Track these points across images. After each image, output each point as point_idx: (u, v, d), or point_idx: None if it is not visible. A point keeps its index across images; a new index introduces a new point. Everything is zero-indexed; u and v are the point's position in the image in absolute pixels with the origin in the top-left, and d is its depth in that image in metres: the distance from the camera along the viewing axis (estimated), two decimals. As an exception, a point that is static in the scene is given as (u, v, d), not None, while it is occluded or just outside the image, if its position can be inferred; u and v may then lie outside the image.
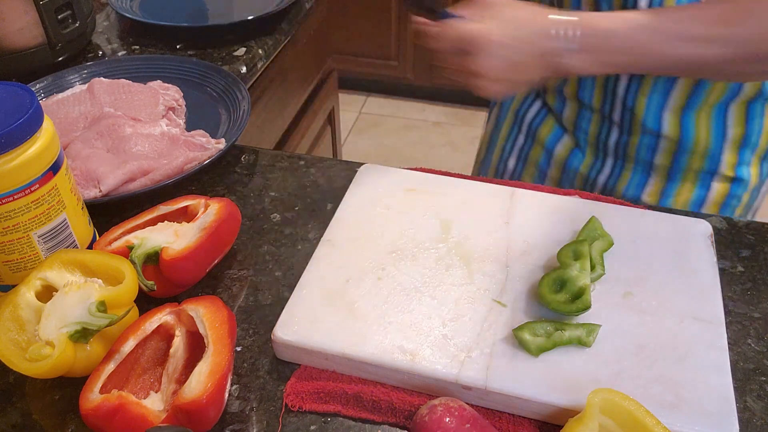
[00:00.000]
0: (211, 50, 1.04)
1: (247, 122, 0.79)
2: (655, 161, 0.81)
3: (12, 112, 0.53)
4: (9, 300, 0.52)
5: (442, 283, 0.58)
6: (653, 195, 0.83)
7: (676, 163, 0.80)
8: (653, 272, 0.59)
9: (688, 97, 0.76)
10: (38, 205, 0.55)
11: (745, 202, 0.83)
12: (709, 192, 0.81)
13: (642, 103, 0.77)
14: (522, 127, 0.92)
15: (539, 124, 0.90)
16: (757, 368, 0.54)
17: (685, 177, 0.81)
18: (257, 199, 0.73)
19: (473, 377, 0.50)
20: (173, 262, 0.57)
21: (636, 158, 0.82)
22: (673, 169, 0.81)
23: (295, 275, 0.63)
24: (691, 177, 0.81)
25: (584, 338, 0.52)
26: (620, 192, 0.84)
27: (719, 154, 0.79)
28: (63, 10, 0.97)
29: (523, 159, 0.93)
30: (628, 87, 0.77)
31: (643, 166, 0.82)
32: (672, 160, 0.80)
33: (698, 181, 0.81)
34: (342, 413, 0.52)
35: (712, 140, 0.78)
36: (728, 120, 0.77)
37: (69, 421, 0.52)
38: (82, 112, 0.83)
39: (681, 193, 0.82)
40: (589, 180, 0.87)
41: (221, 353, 0.49)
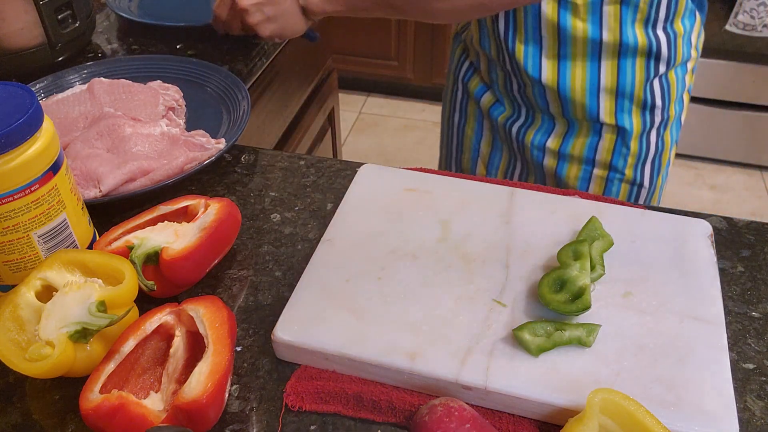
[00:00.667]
0: (211, 50, 1.04)
1: (247, 122, 0.79)
2: (551, 110, 0.89)
3: (12, 112, 0.53)
4: (9, 300, 0.52)
5: (442, 283, 0.58)
6: (555, 142, 0.92)
7: (565, 111, 0.88)
8: (653, 272, 0.59)
9: (558, 47, 0.83)
10: (38, 205, 0.55)
11: (635, 152, 0.91)
12: (600, 140, 0.90)
13: (521, 51, 0.84)
14: (458, 84, 1.01)
15: (468, 79, 0.99)
16: (757, 368, 0.54)
17: (579, 125, 0.90)
18: (257, 199, 0.73)
19: (473, 377, 0.50)
20: (173, 262, 0.57)
21: (538, 107, 0.90)
22: (566, 117, 0.89)
23: (295, 275, 0.63)
24: (584, 126, 0.89)
25: (584, 338, 0.52)
26: (530, 140, 0.93)
27: (596, 102, 0.86)
28: (63, 10, 0.97)
29: (464, 113, 1.02)
30: (506, 34, 0.84)
31: (546, 115, 0.90)
32: (561, 108, 0.88)
33: (590, 129, 0.89)
34: (342, 413, 0.52)
35: (587, 89, 0.86)
36: (601, 71, 0.84)
37: (69, 421, 0.52)
38: (82, 112, 0.83)
39: (578, 141, 0.91)
40: (509, 130, 0.95)
41: (221, 353, 0.49)
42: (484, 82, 0.97)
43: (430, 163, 2.30)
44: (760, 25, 1.94)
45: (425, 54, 2.60)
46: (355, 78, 2.76)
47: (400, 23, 2.57)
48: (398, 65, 2.66)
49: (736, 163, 2.31)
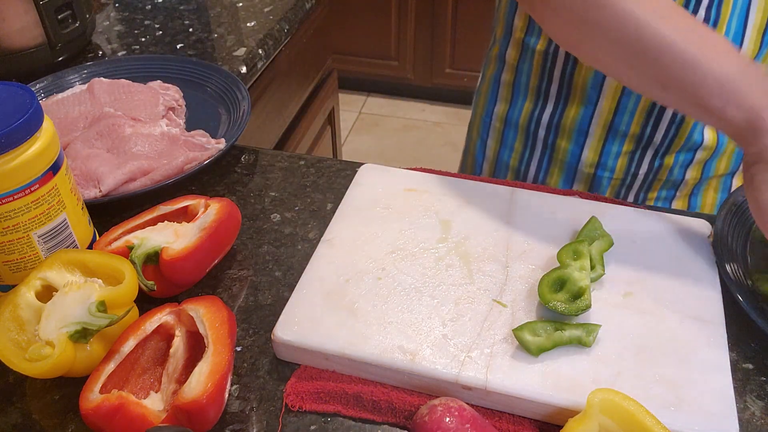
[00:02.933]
0: (211, 50, 1.04)
1: (247, 122, 0.79)
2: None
3: (12, 112, 0.53)
4: (9, 300, 0.52)
5: (442, 283, 0.58)
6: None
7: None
8: (653, 272, 0.59)
9: None
10: (38, 205, 0.55)
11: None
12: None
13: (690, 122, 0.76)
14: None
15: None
16: (757, 368, 0.54)
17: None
18: (257, 199, 0.73)
19: (473, 377, 0.50)
20: (173, 262, 0.57)
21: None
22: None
23: (295, 275, 0.63)
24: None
25: (584, 338, 0.52)
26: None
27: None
28: (63, 10, 0.97)
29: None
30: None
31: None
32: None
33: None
34: (342, 413, 0.52)
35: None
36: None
37: (69, 421, 0.52)
38: (82, 112, 0.83)
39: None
40: None
41: (221, 353, 0.49)
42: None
43: (430, 163, 2.30)
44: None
45: (425, 54, 2.60)
46: (355, 78, 2.76)
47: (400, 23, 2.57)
48: (398, 65, 2.66)
49: (737, 163, 2.31)
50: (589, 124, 0.80)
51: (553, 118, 0.83)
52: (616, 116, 0.78)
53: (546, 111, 0.83)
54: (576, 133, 0.81)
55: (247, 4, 1.18)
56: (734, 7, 0.69)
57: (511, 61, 0.84)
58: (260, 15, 1.14)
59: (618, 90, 0.76)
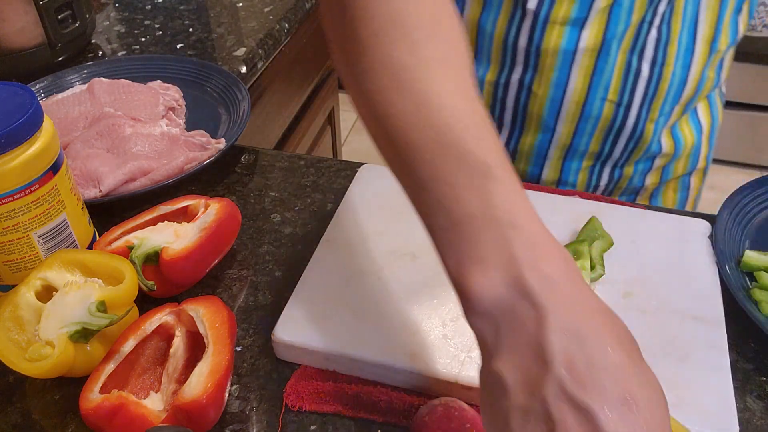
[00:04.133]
0: (211, 50, 1.04)
1: (247, 122, 0.79)
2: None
3: (12, 112, 0.53)
4: (9, 300, 0.52)
5: (442, 283, 0.58)
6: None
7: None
8: (653, 272, 0.59)
9: (682, 112, 0.78)
10: (38, 205, 0.55)
11: None
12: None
13: (650, 129, 0.77)
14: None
15: None
16: (757, 368, 0.54)
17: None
18: (257, 199, 0.73)
19: (473, 377, 0.50)
20: (173, 262, 0.57)
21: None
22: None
23: (295, 275, 0.63)
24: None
25: (584, 338, 0.52)
26: None
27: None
28: (63, 10, 0.97)
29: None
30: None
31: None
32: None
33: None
34: (342, 413, 0.51)
35: (695, 142, 0.82)
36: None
37: (69, 421, 0.52)
38: (82, 112, 0.83)
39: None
40: None
41: (221, 353, 0.49)
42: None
43: (430, 163, 2.29)
44: (760, 25, 1.94)
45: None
46: (355, 78, 2.76)
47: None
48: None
49: (736, 163, 2.31)
50: (548, 148, 0.79)
51: (509, 144, 0.82)
52: (574, 139, 0.78)
53: (501, 137, 0.83)
54: (534, 157, 0.81)
55: (247, 4, 1.18)
56: (683, 22, 0.70)
57: None
58: (260, 15, 1.14)
59: (576, 115, 0.75)
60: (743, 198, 0.65)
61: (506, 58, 0.76)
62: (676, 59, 0.72)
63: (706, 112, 0.82)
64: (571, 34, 0.71)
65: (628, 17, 0.69)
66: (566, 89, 0.74)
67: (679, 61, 0.72)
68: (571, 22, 0.70)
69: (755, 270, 0.59)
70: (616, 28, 0.69)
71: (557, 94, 0.74)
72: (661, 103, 0.75)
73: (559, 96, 0.74)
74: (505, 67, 0.76)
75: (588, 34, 0.70)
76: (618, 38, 0.70)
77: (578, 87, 0.73)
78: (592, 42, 0.71)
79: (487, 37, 0.75)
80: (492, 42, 0.75)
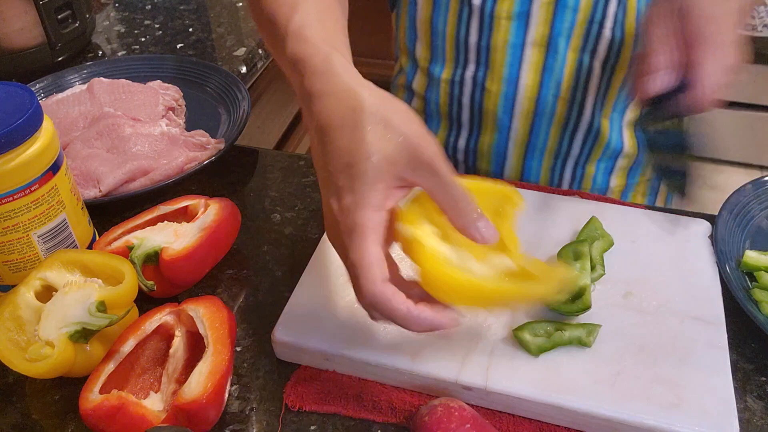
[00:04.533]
0: (210, 50, 1.04)
1: (247, 122, 0.79)
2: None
3: (12, 112, 0.53)
4: (9, 300, 0.52)
5: (442, 283, 0.58)
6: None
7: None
8: (653, 272, 0.59)
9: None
10: (38, 205, 0.55)
11: None
12: None
13: (606, 125, 0.78)
14: None
15: None
16: (757, 368, 0.54)
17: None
18: (257, 199, 0.73)
19: (473, 377, 0.50)
20: (173, 262, 0.57)
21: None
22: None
23: (295, 275, 0.63)
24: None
25: (584, 338, 0.52)
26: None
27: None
28: (63, 10, 0.97)
29: None
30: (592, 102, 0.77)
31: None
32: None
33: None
34: (342, 413, 0.51)
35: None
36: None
37: (69, 421, 0.52)
38: (82, 112, 0.83)
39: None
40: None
41: (221, 353, 0.49)
42: None
43: (430, 163, 2.29)
44: (760, 25, 1.94)
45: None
46: (355, 78, 2.76)
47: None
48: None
49: (737, 163, 2.31)
50: (506, 147, 0.80)
51: (469, 143, 0.83)
52: (531, 137, 0.78)
53: (461, 137, 0.83)
54: (494, 156, 0.82)
55: (247, 3, 1.18)
56: (637, 23, 0.70)
57: (419, 90, 0.84)
58: (260, 15, 1.14)
59: (530, 112, 0.76)
60: (743, 198, 0.65)
61: (459, 56, 0.77)
62: (630, 61, 0.72)
63: None
64: (518, 28, 0.72)
65: (573, 14, 0.71)
66: (518, 85, 0.75)
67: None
68: (515, 16, 0.72)
69: (755, 270, 0.59)
70: (562, 24, 0.71)
71: (510, 91, 0.76)
72: (614, 99, 0.76)
73: (512, 92, 0.76)
74: (459, 64, 0.78)
75: (534, 29, 0.72)
76: (565, 35, 0.72)
77: (530, 83, 0.75)
78: (539, 37, 0.72)
79: (440, 35, 0.77)
80: (445, 40, 0.77)
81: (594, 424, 0.49)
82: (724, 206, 0.64)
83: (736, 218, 0.63)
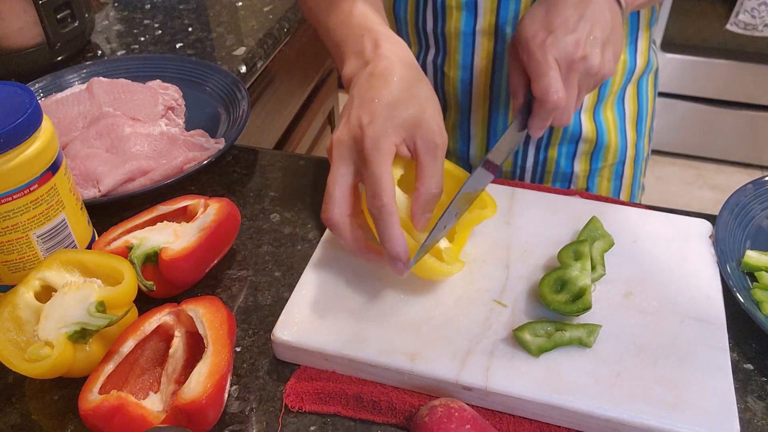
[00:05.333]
0: (210, 50, 1.04)
1: (246, 122, 0.79)
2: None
3: (11, 111, 0.53)
4: (8, 300, 0.52)
5: (442, 283, 0.58)
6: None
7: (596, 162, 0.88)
8: (654, 272, 0.59)
9: (596, 95, 0.81)
10: (37, 205, 0.55)
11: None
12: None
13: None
14: None
15: None
16: (758, 368, 0.54)
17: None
18: (257, 199, 0.73)
19: (473, 378, 0.50)
20: (172, 262, 0.57)
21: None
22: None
23: (295, 275, 0.63)
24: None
25: (585, 339, 0.52)
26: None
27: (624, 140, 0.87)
28: (62, 9, 0.97)
29: None
30: None
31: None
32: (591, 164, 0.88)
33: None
34: (342, 414, 0.51)
35: (618, 129, 0.85)
36: (625, 103, 0.85)
37: (68, 421, 0.52)
38: (81, 111, 0.83)
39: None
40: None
41: (221, 353, 0.49)
42: None
43: (430, 163, 2.28)
44: (761, 25, 1.94)
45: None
46: (355, 78, 2.75)
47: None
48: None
49: (737, 163, 2.31)
50: (469, 127, 0.84)
51: None
52: (490, 119, 0.82)
53: None
54: (460, 136, 0.85)
55: (247, 3, 1.18)
56: None
57: None
58: (260, 14, 1.14)
59: (486, 96, 0.80)
60: (744, 198, 0.65)
61: (421, 42, 0.82)
62: None
63: (633, 99, 0.85)
64: (467, 17, 0.75)
65: (517, 4, 0.74)
66: (473, 71, 0.79)
67: None
68: (464, 6, 0.75)
69: (756, 270, 0.59)
70: (507, 13, 0.74)
71: (466, 76, 0.79)
72: None
73: (468, 77, 0.79)
74: (422, 49, 0.82)
75: (482, 18, 0.75)
76: (511, 23, 0.74)
77: (482, 69, 0.78)
78: (486, 25, 0.75)
79: (402, 23, 0.82)
80: (407, 27, 0.82)
81: (594, 424, 0.49)
82: (725, 206, 0.64)
83: (736, 218, 0.63)
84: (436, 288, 0.57)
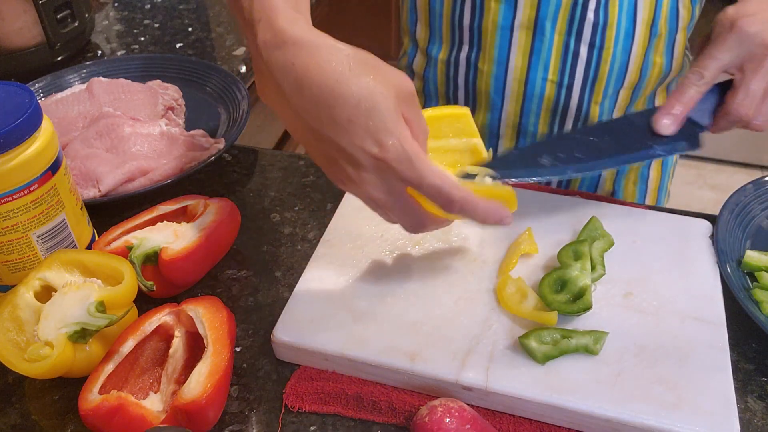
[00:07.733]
0: (210, 50, 1.04)
1: (246, 122, 0.79)
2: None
3: (11, 111, 0.53)
4: (8, 300, 0.52)
5: (442, 283, 0.58)
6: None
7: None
8: (654, 272, 0.59)
9: (629, 97, 0.79)
10: (37, 205, 0.55)
11: None
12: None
13: (596, 111, 0.79)
14: None
15: None
16: (758, 368, 0.54)
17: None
18: (257, 199, 0.73)
19: (473, 378, 0.50)
20: (172, 262, 0.57)
21: None
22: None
23: (295, 275, 0.63)
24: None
25: (591, 346, 0.51)
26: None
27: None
28: (62, 9, 0.97)
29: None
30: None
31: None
32: None
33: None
34: (342, 414, 0.51)
35: None
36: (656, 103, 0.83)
37: (68, 421, 0.52)
38: (81, 111, 0.83)
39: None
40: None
41: (221, 353, 0.49)
42: None
43: (430, 163, 2.28)
44: (760, 25, 1.94)
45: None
46: (355, 77, 2.75)
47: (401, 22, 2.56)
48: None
49: (737, 163, 2.31)
50: (498, 126, 0.82)
51: None
52: (522, 118, 0.80)
53: None
54: (488, 135, 0.84)
55: None
56: (621, 6, 0.71)
57: (418, 70, 0.87)
58: (260, 14, 1.14)
59: (520, 94, 0.78)
60: (744, 198, 0.65)
61: (455, 37, 0.80)
62: (615, 43, 0.73)
63: (662, 102, 0.84)
64: (506, 11, 0.74)
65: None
66: (508, 67, 0.77)
67: (618, 45, 0.73)
68: None
69: (756, 270, 0.59)
70: (548, 7, 0.72)
71: (500, 72, 0.78)
72: (604, 85, 0.76)
73: (502, 73, 0.78)
74: (455, 45, 0.80)
75: (521, 12, 0.74)
76: (551, 18, 0.73)
77: (518, 65, 0.76)
78: (525, 19, 0.74)
79: (437, 16, 0.80)
80: (442, 21, 0.80)
81: (594, 424, 0.49)
82: (725, 206, 0.64)
83: (736, 218, 0.63)
84: (436, 288, 0.57)
